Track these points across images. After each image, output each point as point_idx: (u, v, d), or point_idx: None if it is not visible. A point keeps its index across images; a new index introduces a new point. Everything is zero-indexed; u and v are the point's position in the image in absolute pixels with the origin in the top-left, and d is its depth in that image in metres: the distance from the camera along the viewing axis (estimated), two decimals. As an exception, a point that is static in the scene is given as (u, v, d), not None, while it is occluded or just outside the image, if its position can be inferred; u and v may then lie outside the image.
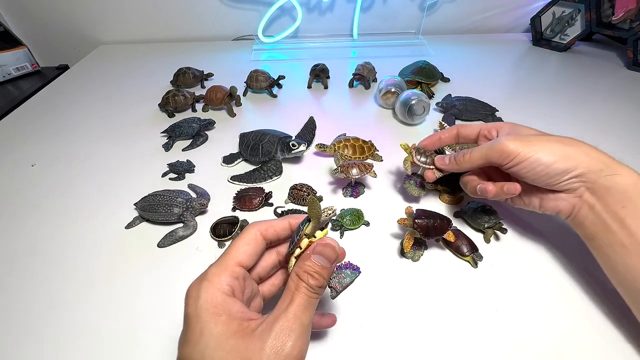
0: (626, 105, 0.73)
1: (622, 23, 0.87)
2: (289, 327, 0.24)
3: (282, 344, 0.23)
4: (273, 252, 0.32)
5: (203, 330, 0.23)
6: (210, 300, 0.24)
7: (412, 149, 0.46)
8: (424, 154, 0.46)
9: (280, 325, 0.24)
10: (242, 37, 1.08)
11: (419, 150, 0.46)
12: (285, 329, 0.24)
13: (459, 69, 0.88)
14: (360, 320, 0.37)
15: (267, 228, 0.29)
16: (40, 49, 1.06)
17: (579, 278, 0.40)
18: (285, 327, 0.24)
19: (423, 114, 0.65)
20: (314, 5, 1.03)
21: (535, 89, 0.81)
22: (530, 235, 0.45)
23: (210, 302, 0.24)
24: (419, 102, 0.64)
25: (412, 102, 0.64)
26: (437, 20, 1.09)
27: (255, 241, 0.29)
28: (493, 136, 0.44)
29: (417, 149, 0.46)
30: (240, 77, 0.80)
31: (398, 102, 0.67)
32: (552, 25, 0.98)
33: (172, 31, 1.07)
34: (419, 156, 0.46)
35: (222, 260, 0.27)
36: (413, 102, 0.64)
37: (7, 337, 0.36)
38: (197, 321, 0.24)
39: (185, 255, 0.43)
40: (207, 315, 0.24)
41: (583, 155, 0.35)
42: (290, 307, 0.25)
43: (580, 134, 0.64)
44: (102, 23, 1.05)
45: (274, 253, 0.32)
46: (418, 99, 0.64)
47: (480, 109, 0.69)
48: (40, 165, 0.59)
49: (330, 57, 0.90)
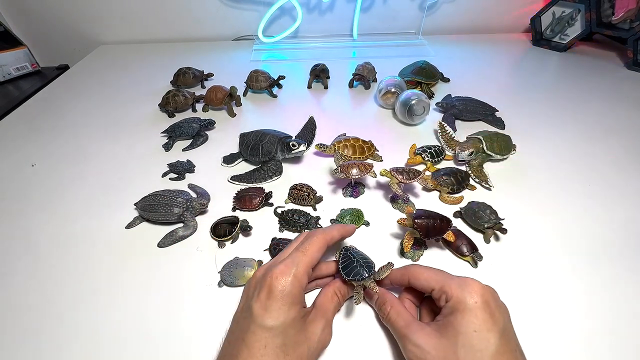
0: (626, 105, 0.73)
1: (622, 23, 0.87)
2: (327, 321, 0.34)
3: (323, 335, 0.33)
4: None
5: (281, 311, 0.30)
6: (296, 294, 0.31)
7: (393, 172, 0.48)
8: (405, 173, 0.48)
9: (323, 320, 0.33)
10: (242, 37, 1.08)
11: (398, 170, 0.48)
12: (324, 321, 0.33)
13: (459, 69, 0.88)
14: (361, 320, 0.37)
15: (326, 243, 0.35)
16: (41, 49, 1.06)
17: (579, 278, 0.40)
18: (323, 320, 0.33)
19: (423, 114, 0.65)
20: (314, 6, 1.03)
21: (535, 88, 0.81)
22: (530, 236, 0.45)
23: (294, 295, 0.31)
24: (419, 102, 0.64)
25: (412, 102, 0.64)
26: (437, 21, 1.09)
27: (322, 250, 0.35)
28: (440, 304, 0.32)
29: (397, 169, 0.48)
30: (240, 77, 0.80)
31: (398, 102, 0.67)
32: (552, 25, 0.98)
33: (172, 31, 1.07)
34: (401, 176, 0.47)
35: (304, 258, 0.33)
36: (413, 102, 0.64)
37: (7, 337, 0.36)
38: (282, 304, 0.30)
39: (185, 255, 0.43)
40: (288, 304, 0.30)
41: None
42: (328, 309, 0.35)
43: (580, 134, 0.64)
44: (102, 23, 1.05)
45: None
46: (418, 99, 0.64)
47: (480, 109, 0.69)
48: (40, 165, 0.59)
49: (330, 57, 0.90)
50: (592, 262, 0.42)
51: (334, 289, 0.36)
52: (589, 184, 0.53)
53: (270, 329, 0.29)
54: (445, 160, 0.58)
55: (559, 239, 0.45)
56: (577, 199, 0.51)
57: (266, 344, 0.29)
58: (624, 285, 0.39)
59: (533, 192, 0.52)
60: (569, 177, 0.55)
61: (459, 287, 0.30)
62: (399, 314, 0.33)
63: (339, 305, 0.36)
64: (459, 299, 0.30)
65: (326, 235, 0.35)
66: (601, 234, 0.45)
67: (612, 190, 0.52)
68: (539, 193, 0.52)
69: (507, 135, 0.58)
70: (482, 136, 0.56)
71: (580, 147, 0.61)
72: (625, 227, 0.46)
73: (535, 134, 0.64)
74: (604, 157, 0.59)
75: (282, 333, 0.29)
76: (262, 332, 0.29)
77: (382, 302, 0.35)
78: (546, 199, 0.51)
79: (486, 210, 0.45)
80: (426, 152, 0.56)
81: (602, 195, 0.51)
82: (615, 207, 0.49)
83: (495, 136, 0.57)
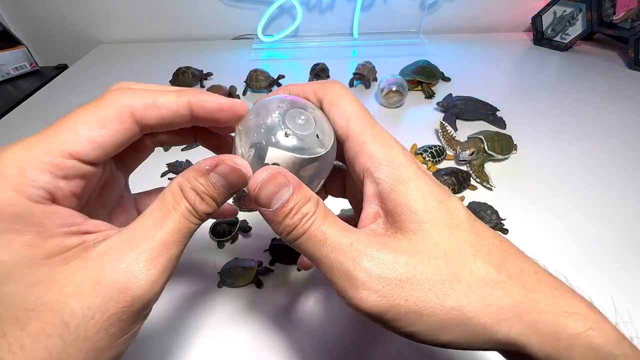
0: (627, 104, 0.73)
1: (624, 22, 0.87)
2: (151, 257, 0.17)
3: (135, 281, 0.16)
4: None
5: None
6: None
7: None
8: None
9: (138, 253, 0.16)
10: (242, 37, 1.08)
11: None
12: (144, 258, 0.16)
13: (460, 68, 0.87)
14: (360, 319, 0.36)
15: (146, 106, 0.19)
16: (39, 49, 1.06)
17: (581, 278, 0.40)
18: (145, 257, 0.16)
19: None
20: (314, 5, 1.03)
21: (536, 88, 0.80)
22: (531, 236, 0.45)
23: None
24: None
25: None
26: (438, 20, 1.08)
27: (118, 123, 0.18)
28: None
29: None
30: (240, 76, 0.79)
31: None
32: (553, 24, 0.98)
33: (171, 30, 1.07)
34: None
35: (42, 141, 0.16)
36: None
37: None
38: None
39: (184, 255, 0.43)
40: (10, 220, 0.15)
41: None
42: (158, 231, 0.17)
43: (581, 133, 0.64)
44: (101, 22, 1.04)
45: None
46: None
47: (481, 108, 0.68)
48: (38, 165, 0.58)
49: (330, 57, 0.90)
50: (593, 262, 0.42)
51: (187, 178, 0.19)
52: (591, 183, 0.53)
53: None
54: (446, 160, 0.58)
55: (560, 239, 0.44)
56: (579, 198, 0.50)
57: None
58: (625, 286, 0.39)
59: (534, 192, 0.52)
60: (570, 177, 0.54)
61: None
62: (328, 218, 0.19)
63: (190, 232, 0.19)
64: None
65: (136, 97, 0.19)
66: (603, 233, 0.45)
67: (614, 190, 0.52)
68: (540, 193, 0.51)
69: (508, 135, 0.58)
70: (483, 136, 0.55)
71: (582, 147, 0.61)
72: (627, 227, 0.46)
73: (537, 134, 0.64)
74: (605, 157, 0.58)
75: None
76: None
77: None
78: (547, 199, 0.50)
79: (487, 211, 0.45)
80: (427, 152, 0.56)
81: (605, 195, 0.51)
82: (617, 206, 0.49)
83: (497, 136, 0.56)
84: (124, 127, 0.18)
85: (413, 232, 0.18)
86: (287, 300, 0.39)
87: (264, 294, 0.39)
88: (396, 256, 0.18)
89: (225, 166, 0.19)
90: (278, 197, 0.18)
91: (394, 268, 0.17)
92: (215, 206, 0.19)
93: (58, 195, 0.17)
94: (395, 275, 0.17)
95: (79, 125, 0.17)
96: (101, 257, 0.16)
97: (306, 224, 0.18)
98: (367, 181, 0.20)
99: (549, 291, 0.18)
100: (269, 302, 0.38)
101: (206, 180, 0.18)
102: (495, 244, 0.19)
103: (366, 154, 0.20)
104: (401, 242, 0.18)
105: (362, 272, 0.17)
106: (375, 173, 0.20)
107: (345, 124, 0.21)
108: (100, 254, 0.16)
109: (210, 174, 0.19)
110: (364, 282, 0.17)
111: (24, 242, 0.15)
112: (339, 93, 0.22)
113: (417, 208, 0.18)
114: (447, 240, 0.18)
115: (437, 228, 0.18)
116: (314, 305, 0.38)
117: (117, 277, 0.16)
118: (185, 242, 0.19)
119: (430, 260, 0.17)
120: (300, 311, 0.38)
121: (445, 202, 0.19)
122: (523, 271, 0.19)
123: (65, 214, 0.17)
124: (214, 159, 0.19)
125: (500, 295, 0.17)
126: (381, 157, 0.20)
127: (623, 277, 0.40)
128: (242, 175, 0.19)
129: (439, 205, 0.19)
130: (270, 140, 0.20)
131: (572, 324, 0.17)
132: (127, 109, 0.18)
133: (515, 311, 0.17)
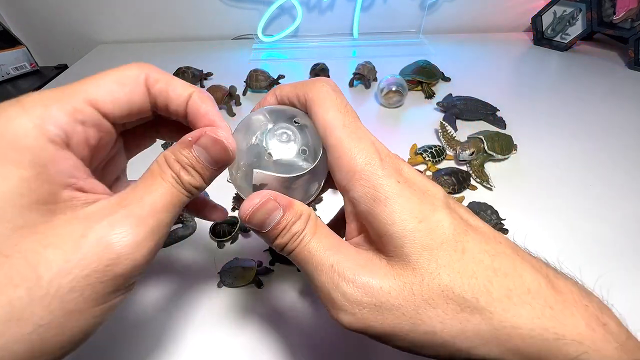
0: (627, 104, 0.73)
1: (624, 22, 0.87)
2: (140, 217, 0.16)
3: (122, 236, 0.15)
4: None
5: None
6: (13, 134, 0.15)
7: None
8: None
9: (127, 212, 0.16)
10: (242, 37, 1.08)
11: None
12: (133, 217, 0.16)
13: (460, 68, 0.87)
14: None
15: (166, 82, 0.20)
16: (39, 49, 1.06)
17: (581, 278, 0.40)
18: (134, 216, 0.16)
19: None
20: (313, 5, 1.03)
21: (536, 88, 0.80)
22: (531, 236, 0.45)
23: (10, 140, 0.15)
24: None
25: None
26: (438, 20, 1.08)
27: (134, 85, 0.19)
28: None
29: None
30: (240, 76, 0.79)
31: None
32: (553, 24, 0.98)
33: (171, 30, 1.07)
34: None
35: (66, 88, 0.17)
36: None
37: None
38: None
39: (184, 256, 0.43)
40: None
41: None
42: (147, 195, 0.17)
43: (581, 133, 0.64)
44: (101, 22, 1.04)
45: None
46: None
47: (481, 108, 0.68)
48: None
49: (330, 57, 0.90)
50: (593, 262, 0.42)
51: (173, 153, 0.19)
52: (591, 183, 0.53)
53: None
54: (446, 160, 0.58)
55: (560, 239, 0.44)
56: (579, 198, 0.50)
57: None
58: (625, 286, 0.39)
59: (534, 192, 0.52)
60: (570, 177, 0.54)
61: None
62: (320, 232, 0.20)
63: (180, 202, 0.19)
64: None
65: (156, 71, 0.20)
66: (603, 233, 0.45)
67: (614, 190, 0.52)
68: (540, 193, 0.51)
69: (508, 135, 0.58)
70: (483, 136, 0.55)
71: (582, 147, 0.61)
72: (627, 227, 0.46)
73: (537, 134, 0.64)
74: (605, 157, 0.58)
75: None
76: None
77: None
78: (547, 199, 0.50)
79: (487, 211, 0.45)
80: (427, 152, 0.56)
81: (605, 195, 0.51)
82: (617, 206, 0.49)
83: (497, 136, 0.56)
84: (139, 89, 0.19)
85: (391, 256, 0.18)
86: (287, 300, 0.39)
87: (264, 294, 0.39)
88: (373, 280, 0.18)
89: (208, 138, 0.19)
90: (269, 221, 0.19)
91: (370, 293, 0.18)
92: (201, 180, 0.19)
93: (72, 141, 0.17)
94: (370, 300, 0.18)
95: (99, 80, 0.18)
96: (89, 216, 0.16)
97: (295, 241, 0.19)
98: (345, 198, 0.21)
99: (540, 312, 0.17)
100: (269, 302, 0.38)
101: (189, 152, 0.19)
102: (483, 261, 0.18)
103: (342, 169, 0.19)
104: (381, 262, 0.19)
105: (340, 296, 0.18)
106: (351, 192, 0.19)
107: (323, 134, 0.21)
108: (88, 213, 0.16)
109: (194, 147, 0.19)
110: (341, 306, 0.18)
111: (21, 178, 0.14)
112: (317, 97, 0.21)
113: (394, 232, 0.18)
114: (426, 264, 0.17)
115: (415, 252, 0.18)
116: (313, 306, 0.38)
117: (103, 232, 0.15)
118: (175, 212, 0.19)
119: (405, 286, 0.17)
120: (300, 311, 0.38)
121: (426, 220, 0.18)
122: (511, 292, 0.17)
123: (71, 163, 0.17)
124: (198, 131, 0.19)
125: (477, 322, 0.17)
126: (357, 174, 0.19)
127: (623, 277, 0.40)
128: (225, 148, 0.19)
129: (418, 225, 0.18)
130: (254, 164, 0.21)
131: (562, 348, 0.16)
132: (144, 75, 0.19)
133: (495, 336, 0.17)
